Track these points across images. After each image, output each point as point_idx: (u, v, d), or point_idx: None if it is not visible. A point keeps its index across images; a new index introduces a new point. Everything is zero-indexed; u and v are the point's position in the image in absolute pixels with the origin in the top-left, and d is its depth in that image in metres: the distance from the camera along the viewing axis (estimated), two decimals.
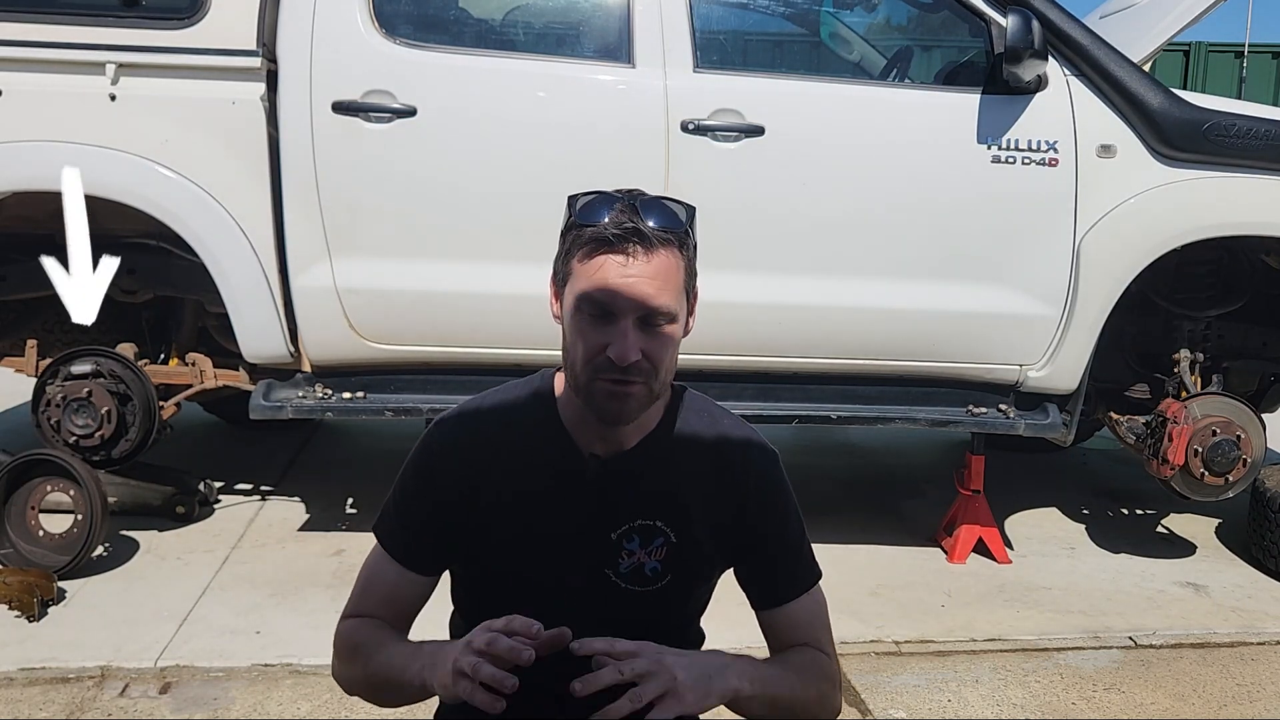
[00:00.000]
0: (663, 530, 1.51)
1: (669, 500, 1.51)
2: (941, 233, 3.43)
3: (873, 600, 3.39)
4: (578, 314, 1.40)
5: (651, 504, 1.51)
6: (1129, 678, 2.98)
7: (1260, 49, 13.33)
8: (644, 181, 3.19)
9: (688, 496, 1.52)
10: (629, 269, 1.37)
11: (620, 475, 1.50)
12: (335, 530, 3.83)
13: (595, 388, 1.41)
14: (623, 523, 1.50)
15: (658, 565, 1.51)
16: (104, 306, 3.43)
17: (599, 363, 1.39)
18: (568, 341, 1.44)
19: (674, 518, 1.51)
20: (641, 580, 1.51)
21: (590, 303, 1.38)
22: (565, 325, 1.44)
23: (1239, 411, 3.56)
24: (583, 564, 1.50)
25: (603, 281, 1.37)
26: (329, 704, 2.66)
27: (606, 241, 1.37)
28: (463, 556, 1.56)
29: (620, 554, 1.50)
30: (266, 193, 3.33)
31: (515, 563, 1.51)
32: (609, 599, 1.51)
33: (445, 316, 3.40)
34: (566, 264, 1.42)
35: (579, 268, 1.39)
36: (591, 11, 3.63)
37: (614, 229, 1.37)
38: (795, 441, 4.95)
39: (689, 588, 1.57)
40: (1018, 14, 3.21)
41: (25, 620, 3.03)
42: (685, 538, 1.52)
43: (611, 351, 1.37)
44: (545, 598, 1.50)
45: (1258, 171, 3.46)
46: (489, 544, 1.52)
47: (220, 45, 3.26)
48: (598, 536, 1.50)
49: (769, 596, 1.58)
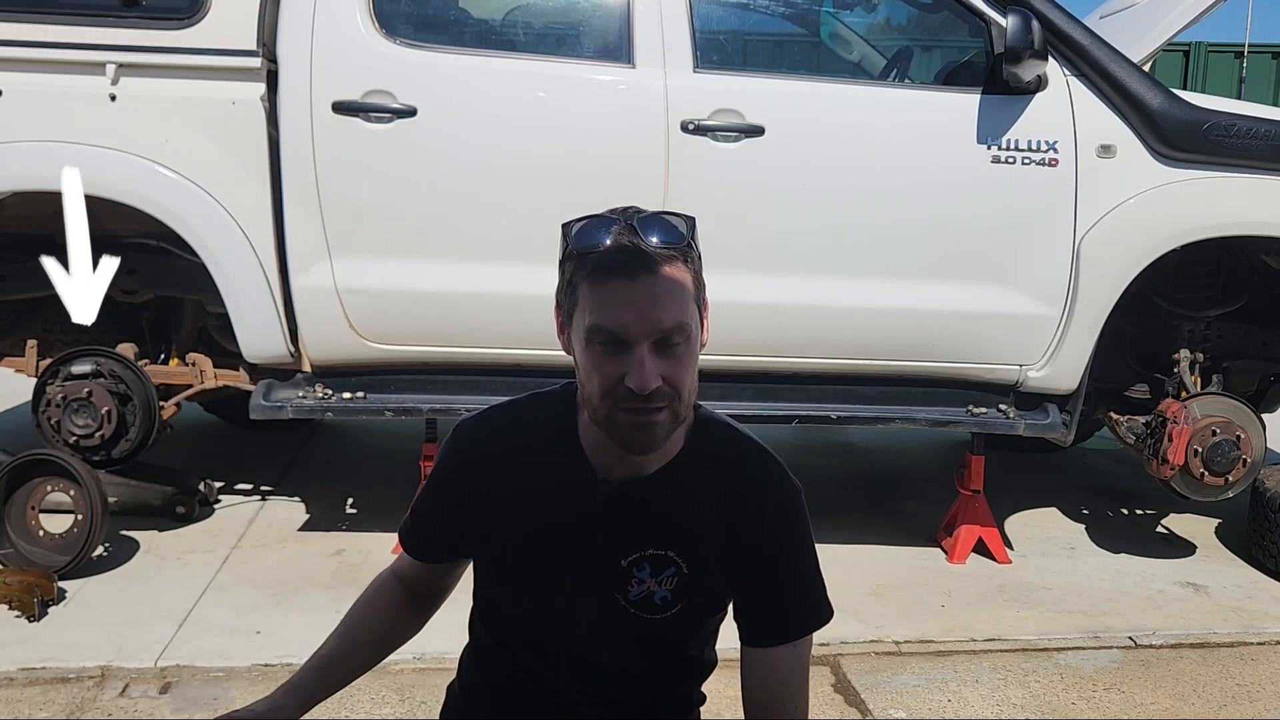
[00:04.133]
0: (674, 560, 1.47)
1: (683, 530, 1.47)
2: (941, 233, 3.43)
3: (873, 600, 3.39)
4: (590, 346, 1.34)
5: (664, 533, 1.47)
6: (1129, 678, 2.98)
7: (1260, 49, 13.33)
8: (644, 181, 3.26)
9: (703, 526, 1.47)
10: (636, 292, 1.31)
11: (633, 502, 1.46)
12: (335, 530, 3.83)
13: (617, 419, 1.35)
14: (634, 550, 1.47)
15: (668, 594, 1.47)
16: (104, 306, 3.43)
17: (618, 394, 1.33)
18: (582, 374, 1.39)
19: (687, 548, 1.47)
20: (651, 608, 1.48)
21: (601, 333, 1.33)
22: (577, 357, 1.39)
23: (1239, 411, 3.56)
24: (592, 586, 1.48)
25: (611, 309, 1.32)
26: (329, 704, 2.64)
27: (609, 267, 1.32)
28: (464, 554, 1.59)
29: (630, 581, 1.47)
30: (267, 193, 3.33)
31: (520, 569, 1.51)
32: (618, 622, 1.48)
33: (445, 316, 3.40)
34: (571, 295, 1.37)
35: (584, 297, 1.34)
36: (591, 11, 3.63)
37: (616, 253, 1.32)
38: (795, 441, 4.94)
39: (699, 618, 1.54)
40: (1018, 14, 3.21)
41: (25, 620, 3.03)
42: (697, 568, 1.47)
43: (630, 381, 1.32)
44: (555, 611, 1.50)
45: (1258, 171, 3.46)
46: (494, 548, 1.52)
47: (220, 45, 3.26)
48: (607, 561, 1.47)
49: (761, 634, 1.51)
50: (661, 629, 1.49)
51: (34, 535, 3.35)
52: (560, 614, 1.50)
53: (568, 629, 1.51)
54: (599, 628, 1.49)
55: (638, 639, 1.50)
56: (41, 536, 3.35)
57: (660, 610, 1.48)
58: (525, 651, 1.54)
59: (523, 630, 1.53)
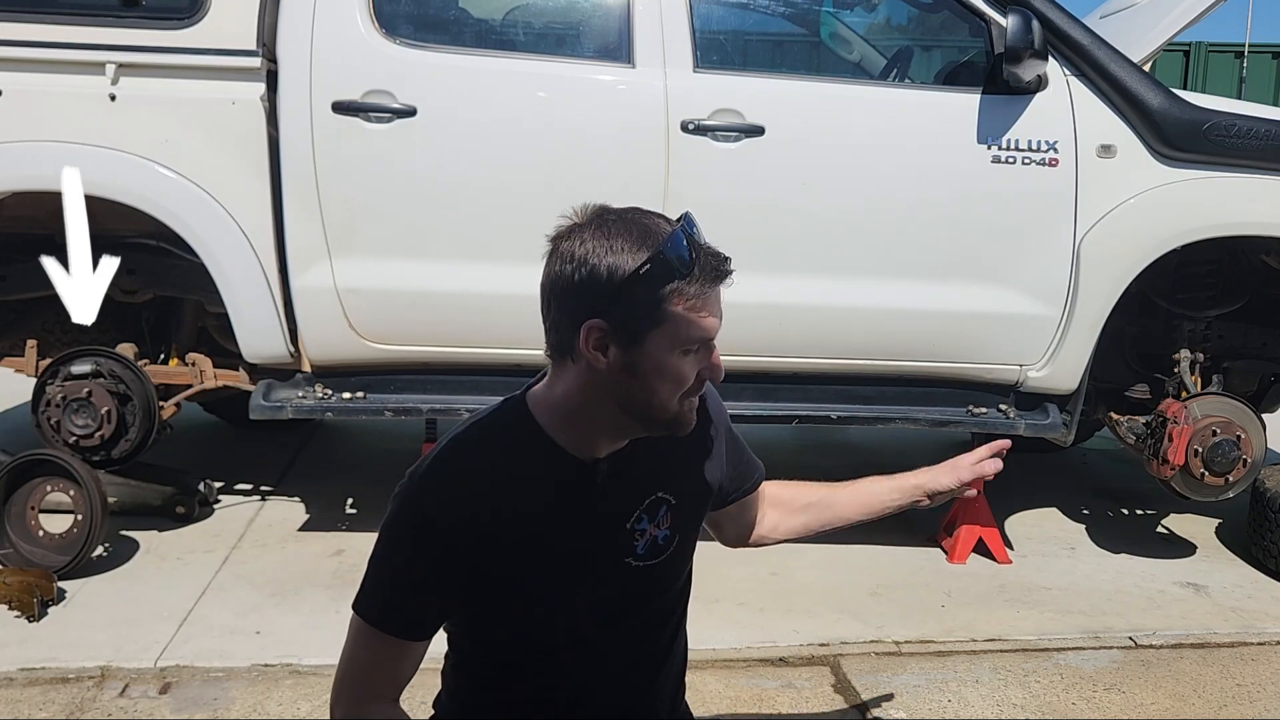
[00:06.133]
0: (664, 499, 1.54)
1: (662, 468, 1.54)
2: (941, 233, 3.43)
3: (873, 600, 3.39)
4: (685, 355, 1.38)
5: (650, 480, 1.53)
6: (1129, 678, 2.98)
7: (1260, 49, 13.33)
8: (644, 181, 3.27)
9: (669, 456, 1.54)
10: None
11: (623, 468, 1.50)
12: (335, 530, 3.83)
13: (683, 411, 1.43)
14: (634, 509, 1.51)
15: (667, 531, 1.54)
16: (104, 306, 3.43)
17: (692, 388, 1.41)
18: (650, 384, 1.38)
19: (669, 481, 1.55)
20: (656, 551, 1.54)
21: (705, 339, 1.39)
22: (646, 371, 1.37)
23: (1239, 411, 3.56)
24: (604, 563, 1.50)
25: (711, 315, 1.38)
26: (329, 704, 2.65)
27: (717, 275, 1.37)
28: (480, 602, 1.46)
29: (634, 537, 1.51)
30: (266, 193, 3.33)
31: (542, 583, 1.46)
32: (628, 585, 1.52)
33: (445, 316, 3.40)
34: (654, 312, 1.34)
35: (682, 309, 1.35)
36: (591, 11, 3.64)
37: (722, 264, 1.37)
38: (795, 441, 4.94)
39: (691, 537, 1.62)
40: (1018, 14, 3.21)
41: (25, 620, 3.03)
42: (681, 493, 1.56)
43: (713, 374, 1.41)
44: (576, 605, 1.50)
45: (1258, 171, 3.46)
46: (509, 580, 1.44)
47: (220, 45, 3.26)
48: (616, 531, 1.50)
49: (752, 482, 1.75)
50: (666, 568, 1.56)
51: (34, 535, 3.35)
52: (583, 607, 1.50)
53: (573, 629, 1.51)
54: (618, 598, 1.52)
55: (645, 591, 1.55)
56: (41, 536, 3.35)
57: (664, 550, 1.54)
58: (543, 655, 1.52)
59: (543, 634, 1.50)
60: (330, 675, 1.56)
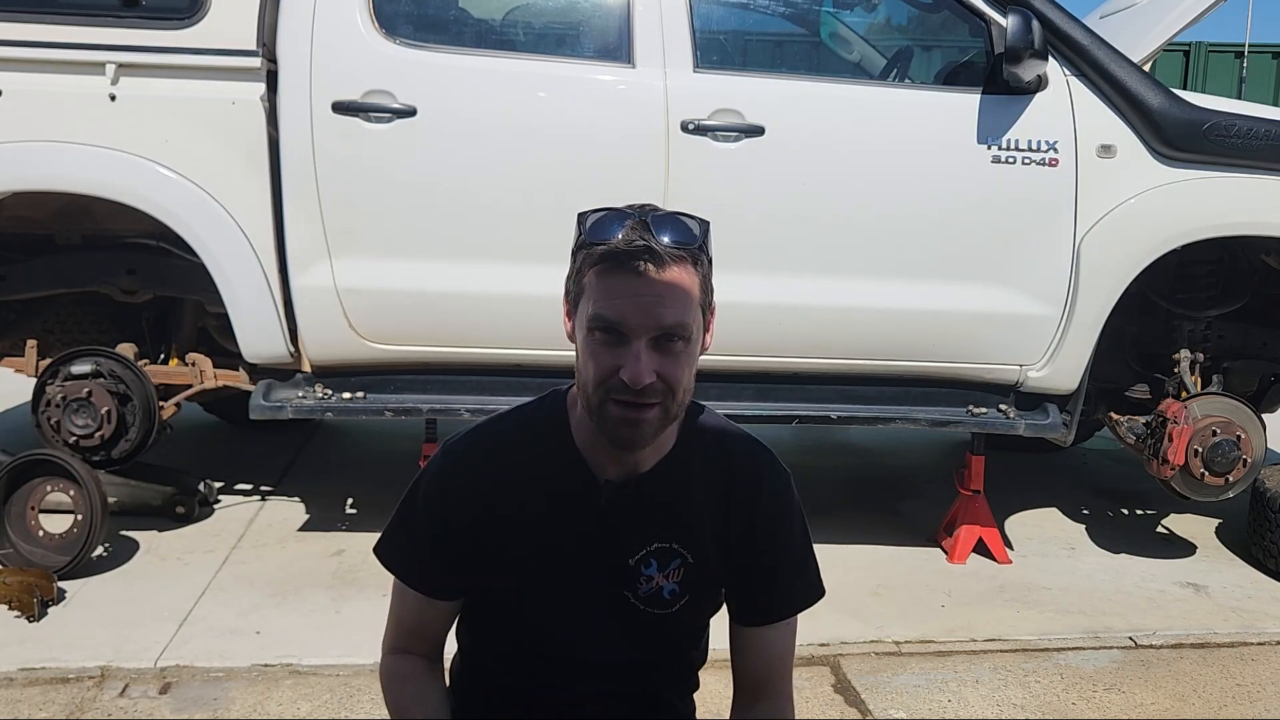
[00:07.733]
0: (679, 552, 1.50)
1: (684, 521, 1.49)
2: (941, 233, 3.42)
3: (873, 600, 3.39)
4: (590, 335, 1.36)
5: (667, 526, 1.49)
6: (1129, 678, 2.98)
7: (1260, 49, 13.33)
8: (644, 181, 3.26)
9: (701, 516, 1.50)
10: (640, 287, 1.33)
11: (635, 500, 1.48)
12: (335, 530, 3.82)
13: (608, 411, 1.37)
14: (640, 547, 1.48)
15: (675, 587, 1.50)
16: (104, 306, 3.43)
17: (611, 384, 1.36)
18: (580, 361, 1.41)
19: (689, 538, 1.50)
20: (660, 603, 1.50)
21: (601, 323, 1.35)
22: (578, 346, 1.41)
23: (1239, 411, 3.56)
24: (601, 586, 1.49)
25: (615, 301, 1.34)
26: (329, 704, 2.65)
27: (617, 259, 1.34)
28: (478, 577, 1.51)
29: (639, 578, 1.49)
30: (266, 193, 3.33)
31: (531, 582, 1.49)
32: (628, 619, 1.50)
33: (445, 316, 3.40)
34: (578, 283, 1.39)
35: (590, 287, 1.36)
36: (591, 11, 3.64)
37: (625, 246, 1.34)
38: (795, 441, 4.94)
39: (704, 606, 1.57)
40: (1018, 14, 3.21)
41: (25, 620, 3.03)
42: (700, 557, 1.50)
43: (624, 374, 1.34)
44: (564, 616, 1.50)
45: (1258, 171, 3.46)
46: (503, 563, 1.49)
47: (220, 45, 3.26)
48: (615, 561, 1.49)
49: (754, 613, 1.55)
50: (670, 622, 1.52)
51: (34, 535, 3.35)
52: (572, 620, 1.50)
53: (578, 633, 1.51)
54: (610, 628, 1.50)
55: (648, 634, 1.52)
56: (41, 536, 3.35)
57: (669, 604, 1.50)
58: (531, 659, 1.54)
59: (530, 639, 1.52)
60: (330, 675, 1.58)
